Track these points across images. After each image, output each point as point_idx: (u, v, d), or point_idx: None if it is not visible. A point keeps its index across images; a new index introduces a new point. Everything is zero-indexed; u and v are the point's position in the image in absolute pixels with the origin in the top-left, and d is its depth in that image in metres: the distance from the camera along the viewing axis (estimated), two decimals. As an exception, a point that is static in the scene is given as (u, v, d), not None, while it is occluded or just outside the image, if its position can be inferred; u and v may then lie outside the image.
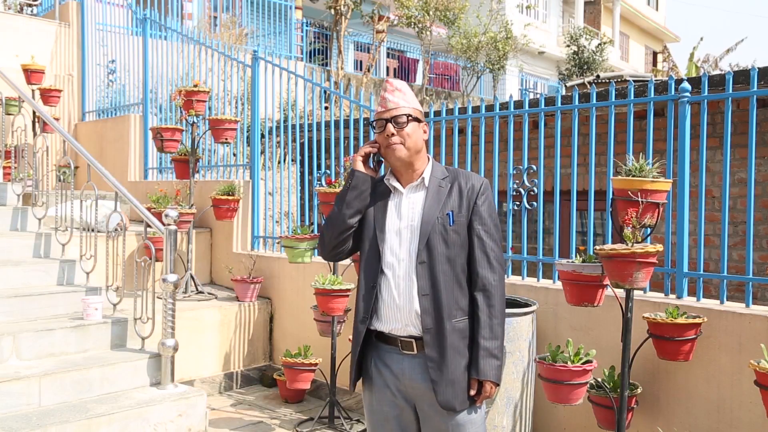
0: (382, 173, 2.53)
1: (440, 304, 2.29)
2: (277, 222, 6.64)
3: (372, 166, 2.47)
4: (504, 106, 4.99)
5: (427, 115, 5.06)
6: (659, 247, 2.95)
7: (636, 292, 3.51)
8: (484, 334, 2.30)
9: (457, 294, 2.33)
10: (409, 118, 2.36)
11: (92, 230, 4.83)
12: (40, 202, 5.38)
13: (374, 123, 2.41)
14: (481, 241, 2.35)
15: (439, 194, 2.37)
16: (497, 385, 2.33)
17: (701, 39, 17.82)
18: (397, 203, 2.42)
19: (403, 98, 2.39)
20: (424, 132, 2.43)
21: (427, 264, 2.31)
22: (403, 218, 2.38)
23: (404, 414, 2.40)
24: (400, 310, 2.34)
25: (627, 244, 2.96)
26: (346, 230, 2.44)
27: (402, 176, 2.43)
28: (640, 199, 2.96)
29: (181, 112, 5.84)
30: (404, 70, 20.56)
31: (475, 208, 2.37)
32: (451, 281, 2.31)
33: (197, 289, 5.81)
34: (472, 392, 2.31)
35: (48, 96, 7.07)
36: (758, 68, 3.60)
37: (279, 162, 6.73)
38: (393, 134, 2.35)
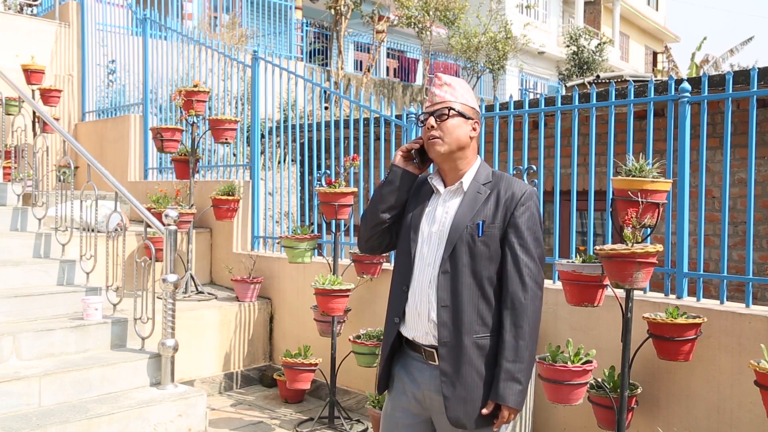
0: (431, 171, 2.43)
1: (460, 318, 2.18)
2: (277, 222, 6.64)
3: (416, 162, 2.37)
4: (504, 106, 4.99)
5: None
6: (659, 247, 2.95)
7: (636, 292, 3.51)
8: (507, 356, 2.16)
9: (482, 309, 2.19)
10: (451, 111, 2.24)
11: (92, 230, 4.83)
12: (40, 202, 5.38)
13: (421, 118, 2.32)
14: (515, 256, 2.19)
15: (475, 201, 2.24)
16: (517, 411, 2.18)
17: (704, 39, 17.84)
18: (434, 206, 2.32)
19: (451, 92, 2.27)
20: (473, 129, 2.29)
21: (450, 274, 2.20)
22: (436, 222, 2.27)
23: (417, 426, 2.32)
24: (420, 317, 2.25)
25: (627, 244, 2.96)
26: (380, 224, 2.36)
27: (447, 176, 2.32)
28: (640, 199, 2.95)
29: (181, 112, 5.84)
30: (404, 70, 20.56)
31: (512, 219, 2.20)
32: (475, 295, 2.19)
33: (197, 289, 5.81)
34: (485, 411, 2.18)
35: (48, 96, 7.07)
36: (758, 68, 3.60)
37: (279, 162, 6.73)
38: (433, 127, 2.25)
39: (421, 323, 2.26)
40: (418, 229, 2.31)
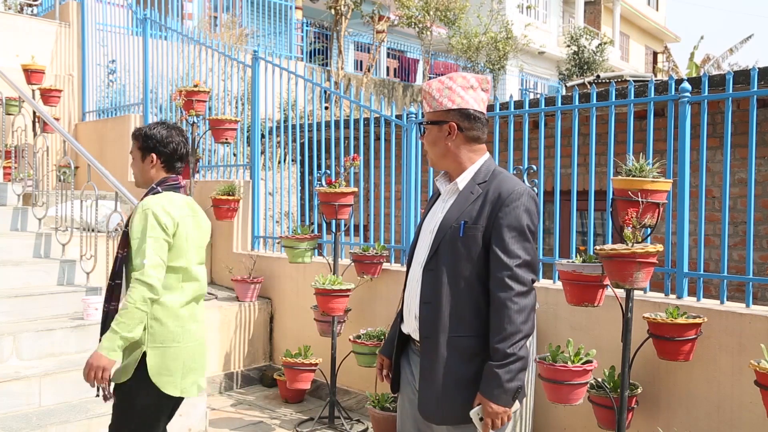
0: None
1: (439, 315, 2.19)
2: (277, 222, 6.64)
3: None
4: (504, 106, 4.99)
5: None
6: (659, 247, 2.95)
7: (636, 292, 3.50)
8: (493, 356, 2.12)
9: (462, 308, 2.17)
10: (425, 127, 2.27)
11: (92, 230, 4.83)
12: (40, 202, 5.38)
13: None
14: (496, 257, 2.14)
15: (465, 201, 2.21)
16: (505, 408, 2.09)
17: (702, 38, 17.83)
18: (437, 205, 2.34)
19: (427, 102, 2.27)
20: (449, 134, 2.23)
21: (433, 272, 2.21)
22: (433, 221, 2.29)
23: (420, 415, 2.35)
24: (410, 313, 2.30)
25: (627, 244, 2.96)
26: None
27: (450, 177, 2.32)
28: (640, 199, 2.96)
29: (181, 112, 5.84)
30: (404, 70, 20.55)
31: (495, 221, 2.15)
32: (454, 294, 2.17)
33: (197, 289, 5.80)
34: (473, 411, 2.14)
35: (48, 96, 7.07)
36: (758, 68, 3.60)
37: (279, 162, 6.74)
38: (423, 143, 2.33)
39: (411, 319, 2.31)
40: (420, 230, 2.37)
